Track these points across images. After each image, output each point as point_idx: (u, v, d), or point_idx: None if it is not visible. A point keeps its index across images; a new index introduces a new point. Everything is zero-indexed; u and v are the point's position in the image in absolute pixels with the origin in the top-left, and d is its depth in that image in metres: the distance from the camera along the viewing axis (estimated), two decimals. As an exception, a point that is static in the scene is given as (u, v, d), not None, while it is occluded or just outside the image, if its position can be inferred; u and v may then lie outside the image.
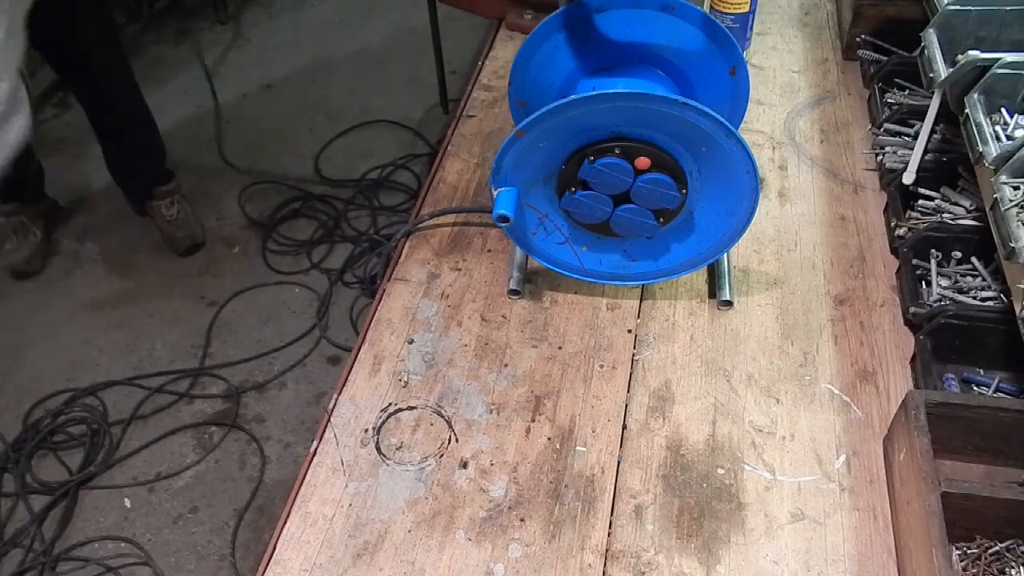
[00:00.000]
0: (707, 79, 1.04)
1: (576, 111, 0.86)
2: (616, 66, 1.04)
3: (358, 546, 0.83)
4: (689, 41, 1.02)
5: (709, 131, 0.87)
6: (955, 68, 0.96)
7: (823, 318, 1.02)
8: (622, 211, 0.94)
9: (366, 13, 3.36)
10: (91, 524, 1.83)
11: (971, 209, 1.06)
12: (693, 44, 1.02)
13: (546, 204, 0.96)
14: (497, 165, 0.90)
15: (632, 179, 0.91)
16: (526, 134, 0.87)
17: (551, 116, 0.86)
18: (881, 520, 0.83)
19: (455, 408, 0.94)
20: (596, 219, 0.95)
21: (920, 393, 0.82)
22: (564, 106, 0.85)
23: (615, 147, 0.89)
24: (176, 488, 1.83)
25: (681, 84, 1.05)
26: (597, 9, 1.01)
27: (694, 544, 0.82)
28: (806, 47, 1.48)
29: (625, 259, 1.02)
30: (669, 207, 0.94)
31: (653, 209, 0.94)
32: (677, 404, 0.94)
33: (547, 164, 0.92)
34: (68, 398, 2.00)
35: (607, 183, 0.91)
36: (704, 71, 1.04)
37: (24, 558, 1.80)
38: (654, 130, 0.88)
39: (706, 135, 0.87)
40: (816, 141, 1.28)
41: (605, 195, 0.93)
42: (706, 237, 0.98)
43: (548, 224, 0.98)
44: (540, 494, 0.86)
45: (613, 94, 0.84)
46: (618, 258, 1.02)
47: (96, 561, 1.78)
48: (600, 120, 0.87)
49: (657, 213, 0.94)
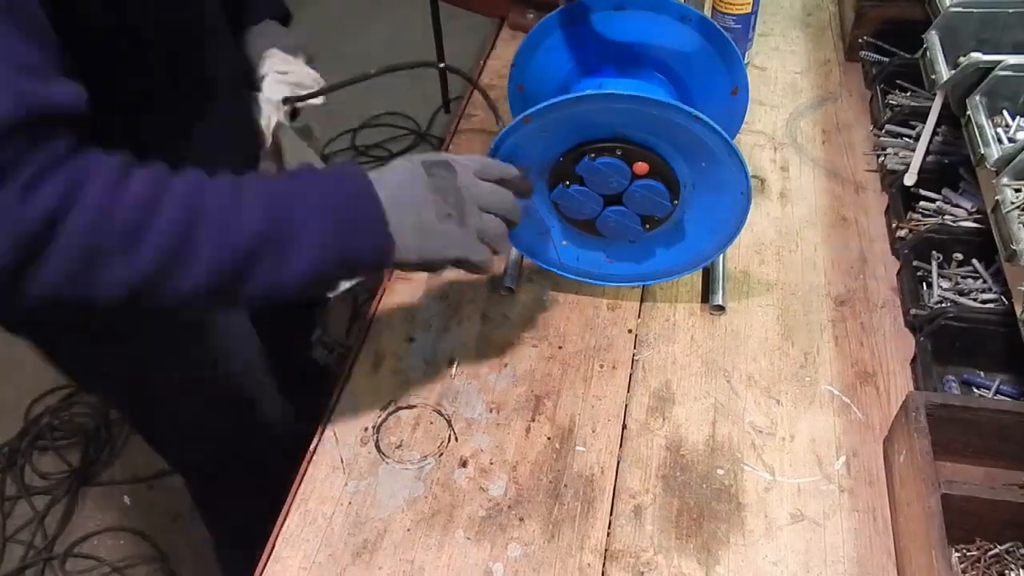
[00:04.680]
0: (708, 94, 1.04)
1: (586, 107, 0.86)
2: (624, 67, 1.04)
3: (357, 544, 0.83)
4: (699, 54, 1.02)
5: (713, 147, 0.87)
6: (957, 70, 0.96)
7: (824, 319, 1.02)
8: (611, 212, 0.94)
9: (367, 12, 3.36)
10: (91, 521, 1.84)
11: (972, 211, 1.06)
12: (702, 57, 1.02)
13: (535, 194, 0.95)
14: (495, 149, 0.89)
15: (628, 182, 0.91)
16: (531, 122, 0.86)
17: (561, 108, 0.85)
18: (881, 522, 0.83)
19: (455, 407, 0.94)
20: (584, 216, 0.95)
21: (920, 395, 0.82)
22: (576, 100, 0.85)
23: (617, 148, 0.88)
24: (176, 486, 1.83)
25: (682, 94, 1.05)
26: (617, 7, 1.01)
27: (693, 544, 0.82)
28: (808, 48, 1.48)
29: (604, 259, 1.02)
30: (658, 215, 0.93)
31: (641, 215, 0.93)
32: (677, 404, 0.94)
33: (544, 155, 0.92)
34: (67, 394, 2.01)
35: (603, 182, 0.91)
36: (707, 85, 1.04)
37: (25, 554, 1.80)
38: (658, 137, 0.88)
39: (709, 151, 0.87)
40: (818, 142, 1.28)
41: (597, 194, 0.93)
42: (688, 250, 0.99)
43: (533, 213, 0.98)
44: (540, 493, 0.86)
45: (627, 96, 0.84)
46: (597, 257, 1.02)
47: (97, 558, 1.79)
48: (607, 119, 0.87)
49: (644, 219, 0.94)
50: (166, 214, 0.65)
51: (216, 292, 0.69)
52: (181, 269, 0.66)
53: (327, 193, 0.73)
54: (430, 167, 0.78)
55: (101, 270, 0.64)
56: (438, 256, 0.78)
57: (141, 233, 0.64)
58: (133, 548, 1.79)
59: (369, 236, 0.74)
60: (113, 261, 0.64)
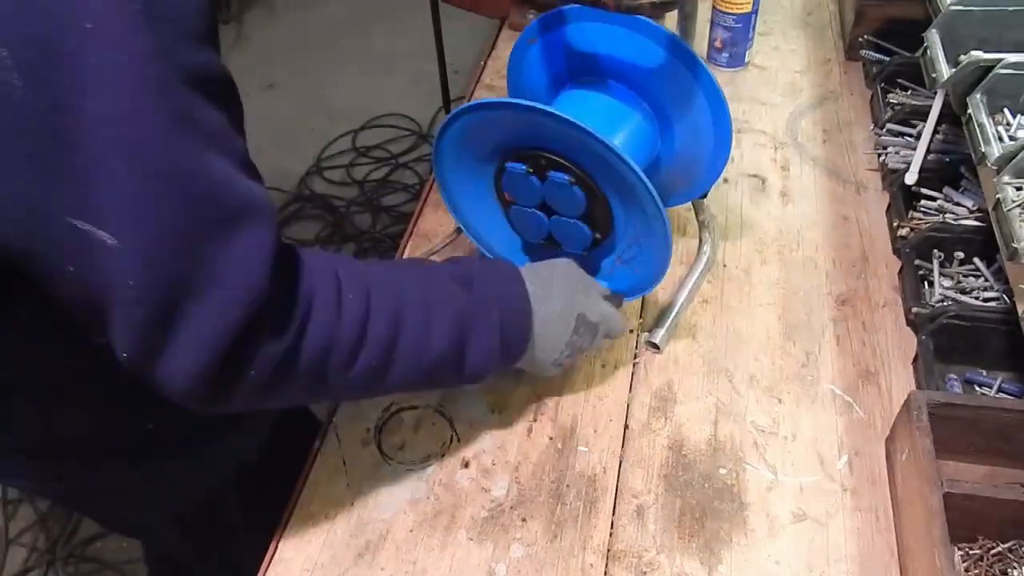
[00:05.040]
0: (684, 116, 0.96)
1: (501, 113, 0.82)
2: (597, 80, 0.96)
3: (360, 545, 0.83)
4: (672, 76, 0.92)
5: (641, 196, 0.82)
6: (958, 68, 0.96)
7: (825, 318, 1.02)
8: (555, 222, 0.90)
9: (368, 13, 3.36)
10: (93, 524, 1.83)
11: (973, 209, 1.06)
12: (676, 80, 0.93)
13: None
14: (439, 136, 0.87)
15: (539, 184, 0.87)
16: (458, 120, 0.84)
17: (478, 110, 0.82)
18: (883, 521, 0.83)
19: (457, 408, 0.94)
20: (538, 234, 0.92)
21: (922, 394, 0.82)
22: (496, 104, 0.82)
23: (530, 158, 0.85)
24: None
25: (660, 117, 0.96)
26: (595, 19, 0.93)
27: (696, 544, 0.82)
28: (808, 47, 1.48)
29: None
30: (574, 214, 0.88)
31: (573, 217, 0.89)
32: (679, 404, 0.94)
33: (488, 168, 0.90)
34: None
35: (517, 190, 0.89)
36: (683, 109, 0.95)
37: (28, 557, 1.80)
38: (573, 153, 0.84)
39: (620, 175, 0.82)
40: (818, 141, 1.28)
41: (528, 207, 0.90)
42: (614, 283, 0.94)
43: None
44: (542, 494, 0.86)
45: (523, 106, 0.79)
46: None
47: (99, 560, 1.79)
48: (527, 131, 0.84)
49: (591, 226, 0.89)
50: (373, 335, 0.67)
51: (399, 391, 0.79)
52: (376, 384, 0.71)
53: (500, 311, 0.77)
54: (580, 323, 0.84)
55: (325, 382, 0.67)
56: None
57: (357, 359, 0.67)
58: (135, 551, 1.79)
59: (514, 358, 0.82)
60: (334, 374, 0.66)
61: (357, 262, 0.72)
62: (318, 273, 0.65)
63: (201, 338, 0.56)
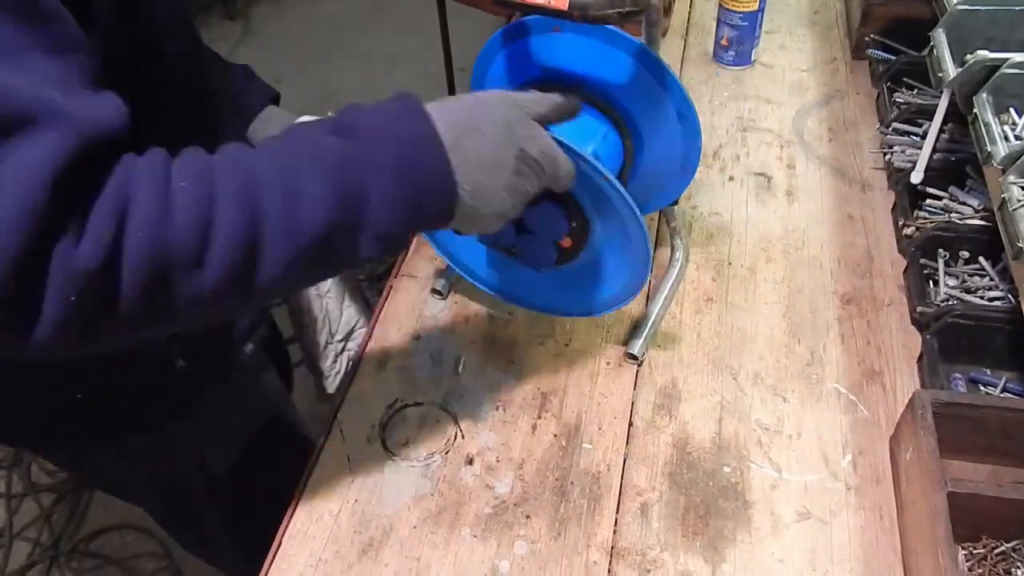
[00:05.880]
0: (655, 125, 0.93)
1: None
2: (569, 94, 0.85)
3: (363, 542, 0.83)
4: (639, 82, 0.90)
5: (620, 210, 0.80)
6: (964, 68, 0.96)
7: (830, 317, 1.02)
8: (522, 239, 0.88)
9: (375, 9, 3.37)
10: (97, 518, 1.84)
11: (979, 209, 1.06)
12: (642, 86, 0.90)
13: None
14: None
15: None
16: None
17: None
18: (887, 520, 0.83)
19: (461, 404, 0.94)
20: (503, 242, 0.89)
21: (927, 393, 0.82)
22: None
23: None
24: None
25: (630, 123, 0.93)
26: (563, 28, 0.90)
27: (699, 542, 0.82)
28: (815, 46, 1.47)
29: (515, 279, 0.98)
30: (557, 237, 0.86)
31: (547, 236, 0.86)
32: (683, 402, 0.94)
33: None
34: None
35: None
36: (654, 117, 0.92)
37: (31, 551, 1.81)
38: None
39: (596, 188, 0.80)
40: (824, 140, 1.28)
41: None
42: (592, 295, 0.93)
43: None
44: (546, 491, 0.86)
45: None
46: (510, 277, 0.98)
47: (103, 555, 1.79)
48: None
49: (558, 248, 0.87)
50: (221, 221, 0.56)
51: (290, 284, 0.63)
52: (250, 280, 0.59)
53: (397, 149, 0.63)
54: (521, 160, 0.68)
55: (171, 293, 0.56)
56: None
57: (204, 258, 0.56)
58: (139, 545, 1.80)
59: (436, 210, 0.66)
60: (181, 282, 0.56)
61: (203, 151, 0.60)
62: (141, 168, 0.55)
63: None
